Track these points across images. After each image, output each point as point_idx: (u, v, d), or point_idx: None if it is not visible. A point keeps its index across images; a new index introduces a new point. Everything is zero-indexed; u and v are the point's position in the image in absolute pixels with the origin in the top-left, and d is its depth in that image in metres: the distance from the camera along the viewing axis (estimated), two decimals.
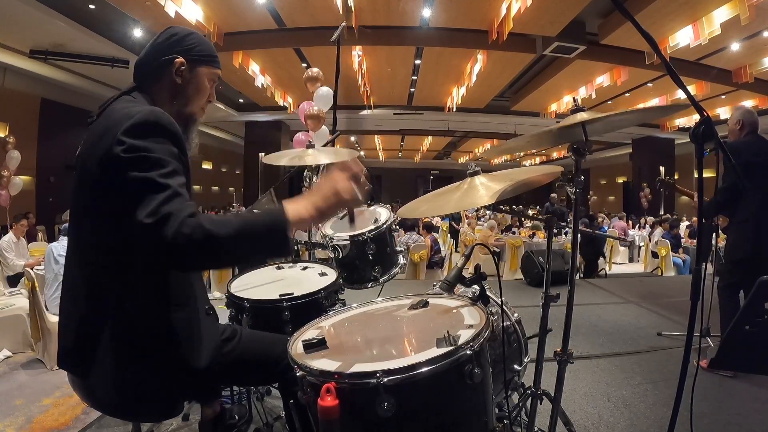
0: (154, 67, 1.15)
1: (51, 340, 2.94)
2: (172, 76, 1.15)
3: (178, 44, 1.16)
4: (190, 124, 1.23)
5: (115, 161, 0.94)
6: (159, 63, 1.15)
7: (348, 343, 1.17)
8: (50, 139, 9.74)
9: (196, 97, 1.20)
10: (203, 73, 1.20)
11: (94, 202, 1.02)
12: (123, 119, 0.99)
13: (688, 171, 15.42)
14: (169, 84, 1.16)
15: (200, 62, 1.19)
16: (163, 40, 1.16)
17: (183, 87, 1.17)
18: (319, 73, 4.56)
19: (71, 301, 1.10)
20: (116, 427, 2.13)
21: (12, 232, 5.03)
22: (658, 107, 7.50)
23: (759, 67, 8.82)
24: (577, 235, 1.47)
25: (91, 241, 1.06)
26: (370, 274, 1.88)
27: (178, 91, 1.17)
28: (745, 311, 1.88)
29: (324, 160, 2.29)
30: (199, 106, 1.23)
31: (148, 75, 1.16)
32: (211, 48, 1.22)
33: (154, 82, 1.16)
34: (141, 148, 0.94)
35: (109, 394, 1.07)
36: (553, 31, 7.86)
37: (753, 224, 2.64)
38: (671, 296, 4.80)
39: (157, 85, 1.16)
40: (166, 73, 1.15)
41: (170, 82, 1.16)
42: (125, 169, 0.92)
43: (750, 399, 2.37)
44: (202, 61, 1.19)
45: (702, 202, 1.34)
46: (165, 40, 1.16)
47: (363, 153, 22.03)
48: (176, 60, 1.15)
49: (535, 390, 1.47)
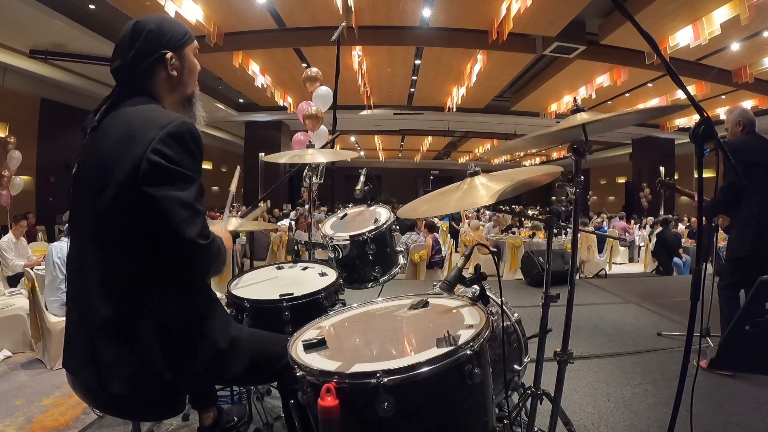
0: (143, 69, 1.15)
1: (51, 340, 2.94)
2: (167, 71, 1.17)
3: (159, 38, 1.16)
4: (193, 101, 1.27)
5: (153, 170, 1.00)
6: (148, 63, 1.15)
7: (348, 343, 1.17)
8: (50, 139, 9.74)
9: (191, 78, 1.25)
10: (189, 53, 1.22)
11: (119, 205, 1.04)
12: (151, 125, 1.04)
13: (688, 171, 15.43)
14: (165, 78, 1.18)
15: (182, 46, 1.20)
16: (141, 41, 1.14)
17: (179, 77, 1.20)
18: (318, 73, 4.56)
19: (81, 301, 1.10)
20: (116, 427, 2.13)
21: (11, 232, 5.03)
22: (658, 107, 7.51)
23: (759, 67, 8.82)
24: (577, 235, 1.47)
25: (116, 241, 1.06)
26: (370, 274, 1.88)
27: (176, 81, 1.20)
28: (746, 311, 1.88)
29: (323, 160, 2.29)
30: (195, 83, 1.27)
31: (138, 77, 1.16)
32: (182, 26, 1.23)
33: (148, 82, 1.17)
34: (179, 162, 1.03)
35: (110, 394, 1.07)
36: (553, 31, 7.86)
37: (754, 223, 2.64)
38: (671, 296, 4.81)
39: (153, 83, 1.17)
40: (158, 70, 1.17)
41: (166, 77, 1.18)
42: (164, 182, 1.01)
43: (750, 399, 2.37)
44: (184, 44, 1.20)
45: (702, 202, 1.35)
46: (143, 39, 1.14)
47: (363, 153, 22.06)
48: (167, 56, 1.16)
49: (535, 390, 1.47)
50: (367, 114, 13.17)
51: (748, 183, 2.62)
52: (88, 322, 1.06)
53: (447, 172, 24.20)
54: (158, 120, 1.06)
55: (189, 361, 1.11)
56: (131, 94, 1.15)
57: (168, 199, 1.00)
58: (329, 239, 1.91)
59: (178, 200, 1.01)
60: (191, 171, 1.06)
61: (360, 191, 2.09)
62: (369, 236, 1.82)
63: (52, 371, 2.90)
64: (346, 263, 1.89)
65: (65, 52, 8.50)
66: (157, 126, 1.04)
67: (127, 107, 1.12)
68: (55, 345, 2.91)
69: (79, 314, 1.10)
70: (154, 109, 1.12)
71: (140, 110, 1.10)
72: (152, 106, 1.14)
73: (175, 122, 1.06)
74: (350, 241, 1.85)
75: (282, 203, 13.91)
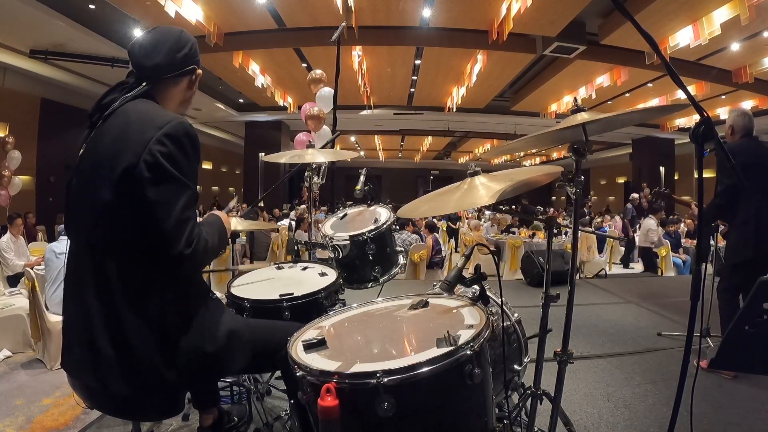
0: (176, 75, 1.20)
1: (51, 340, 2.94)
2: (190, 84, 1.23)
3: (196, 54, 1.22)
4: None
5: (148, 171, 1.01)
6: (181, 72, 1.20)
7: (348, 343, 1.17)
8: (50, 139, 9.73)
9: (192, 97, 1.29)
10: (198, 75, 1.27)
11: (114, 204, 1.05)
12: (149, 125, 1.05)
13: (688, 171, 15.43)
14: (182, 90, 1.23)
15: (198, 66, 1.26)
16: (187, 49, 1.20)
17: (191, 93, 1.26)
18: (322, 75, 4.59)
19: (78, 300, 1.10)
20: (116, 427, 2.13)
21: (10, 232, 5.02)
22: (658, 107, 7.48)
23: (759, 67, 8.82)
24: (577, 235, 1.47)
25: (111, 240, 1.07)
26: (370, 274, 1.88)
27: (188, 97, 1.25)
28: (745, 311, 1.88)
29: (323, 160, 2.30)
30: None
31: (167, 81, 1.20)
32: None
33: (172, 87, 1.21)
34: (174, 164, 1.04)
35: (110, 394, 1.07)
36: (553, 31, 7.86)
37: (753, 225, 2.62)
38: (671, 296, 4.80)
39: (172, 91, 1.21)
40: (182, 81, 1.22)
41: (183, 89, 1.23)
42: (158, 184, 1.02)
43: (750, 399, 2.37)
44: (199, 65, 1.26)
45: (702, 202, 1.35)
46: (188, 49, 1.20)
47: (363, 153, 22.05)
48: (197, 72, 1.22)
49: (535, 390, 1.47)
50: (367, 114, 13.16)
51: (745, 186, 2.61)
52: (86, 321, 1.06)
53: (447, 172, 24.19)
54: (155, 120, 1.07)
55: (188, 358, 1.10)
56: (142, 95, 1.16)
57: (159, 205, 1.02)
58: (329, 239, 1.91)
59: (169, 209, 1.02)
60: (186, 174, 1.07)
61: (360, 191, 2.09)
62: (369, 236, 1.82)
63: (52, 371, 2.90)
64: (346, 263, 1.89)
65: (65, 52, 8.50)
66: (154, 126, 1.05)
67: (128, 107, 1.13)
68: (55, 345, 2.91)
69: (77, 313, 1.09)
70: (153, 109, 1.13)
71: (140, 110, 1.11)
72: (151, 106, 1.15)
73: (172, 122, 1.07)
74: (350, 241, 1.85)
75: (282, 203, 13.91)
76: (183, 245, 1.03)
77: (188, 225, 1.05)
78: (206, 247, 1.11)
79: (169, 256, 1.03)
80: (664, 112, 4.52)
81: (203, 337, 1.14)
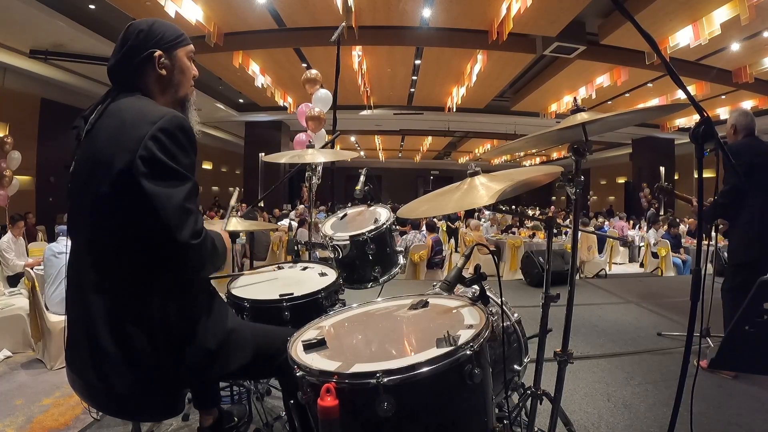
0: (134, 67, 1.17)
1: (51, 340, 2.94)
2: (156, 70, 1.18)
3: (149, 38, 1.17)
4: (186, 105, 1.27)
5: (145, 167, 1.00)
6: (137, 61, 1.17)
7: (348, 343, 1.17)
8: (50, 139, 9.73)
9: (183, 80, 1.25)
10: (181, 55, 1.23)
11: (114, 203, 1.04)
12: (143, 121, 1.04)
13: (688, 171, 15.42)
14: (155, 78, 1.19)
15: (174, 47, 1.21)
16: (132, 40, 1.17)
17: (169, 76, 1.21)
18: (317, 75, 4.57)
19: (80, 299, 1.10)
20: (116, 427, 2.13)
21: (10, 232, 5.03)
22: (658, 107, 7.46)
23: (759, 67, 8.81)
24: (577, 235, 1.47)
25: (112, 239, 1.07)
26: (370, 274, 1.88)
27: (167, 81, 1.21)
28: (745, 311, 1.88)
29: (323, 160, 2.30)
30: (188, 86, 1.27)
31: (129, 76, 1.18)
32: (176, 29, 1.24)
33: (138, 81, 1.18)
34: (171, 158, 1.03)
35: (112, 392, 1.07)
36: (553, 31, 7.86)
37: (757, 226, 2.60)
38: (671, 296, 4.80)
39: (145, 82, 1.18)
40: (147, 69, 1.18)
41: (156, 76, 1.19)
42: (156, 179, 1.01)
43: (750, 399, 2.37)
44: (176, 45, 1.22)
45: (702, 202, 1.35)
46: (133, 39, 1.17)
47: (363, 153, 22.05)
48: (155, 54, 1.17)
49: (535, 390, 1.47)
50: (367, 114, 13.17)
51: (750, 185, 2.59)
52: (88, 320, 1.06)
53: (447, 172, 24.19)
54: (149, 116, 1.06)
55: (190, 357, 1.11)
56: (125, 93, 1.15)
57: (160, 197, 1.00)
58: (329, 239, 1.91)
59: (170, 200, 1.01)
60: (184, 167, 1.06)
61: (360, 191, 2.09)
62: (369, 236, 1.82)
63: (52, 371, 2.90)
64: (346, 263, 1.88)
65: (65, 52, 8.50)
66: (148, 122, 1.04)
67: (120, 104, 1.12)
68: (55, 345, 2.91)
69: (79, 313, 1.10)
70: (146, 105, 1.12)
71: (132, 107, 1.11)
72: (144, 102, 1.14)
73: (166, 117, 1.06)
74: (350, 241, 1.85)
75: (282, 203, 13.90)
76: (189, 235, 1.02)
77: (192, 215, 1.04)
78: (214, 245, 1.11)
79: (175, 244, 1.01)
80: (664, 112, 4.51)
81: (206, 335, 1.14)
